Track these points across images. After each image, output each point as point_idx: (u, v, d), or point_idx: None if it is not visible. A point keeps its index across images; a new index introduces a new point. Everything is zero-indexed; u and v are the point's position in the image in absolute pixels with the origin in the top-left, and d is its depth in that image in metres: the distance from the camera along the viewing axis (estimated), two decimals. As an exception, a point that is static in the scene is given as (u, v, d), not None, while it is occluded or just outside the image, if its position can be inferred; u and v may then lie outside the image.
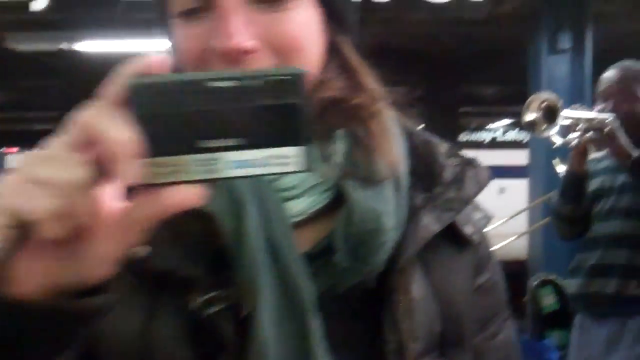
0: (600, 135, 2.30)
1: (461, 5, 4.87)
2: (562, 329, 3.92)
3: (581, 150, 2.43)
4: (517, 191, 19.84)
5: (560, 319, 4.02)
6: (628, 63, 2.78)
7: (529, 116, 2.33)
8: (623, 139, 2.33)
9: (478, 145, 19.33)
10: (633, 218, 2.44)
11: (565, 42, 5.33)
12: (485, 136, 19.23)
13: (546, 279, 4.21)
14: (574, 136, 2.34)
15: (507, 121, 16.68)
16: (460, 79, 10.05)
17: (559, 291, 4.12)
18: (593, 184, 2.56)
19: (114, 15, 5.16)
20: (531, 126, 2.36)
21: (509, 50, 8.60)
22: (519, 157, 19.44)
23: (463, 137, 16.42)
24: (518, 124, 17.01)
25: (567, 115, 2.32)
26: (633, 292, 2.30)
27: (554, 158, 3.02)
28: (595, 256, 2.45)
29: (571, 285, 2.53)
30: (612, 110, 2.39)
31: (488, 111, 15.20)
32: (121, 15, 5.14)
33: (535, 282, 4.22)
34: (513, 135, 19.31)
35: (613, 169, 2.51)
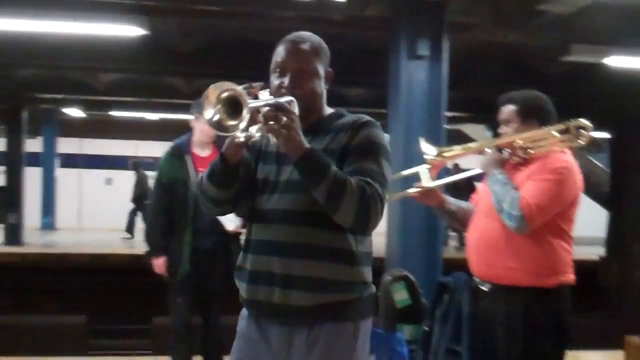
0: (277, 125, 2.00)
1: (322, 5, 4.95)
2: (413, 324, 4.13)
3: (241, 143, 2.11)
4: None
5: (412, 313, 4.22)
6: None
7: (209, 112, 1.95)
8: (299, 129, 2.04)
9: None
10: (293, 223, 2.18)
11: (423, 49, 5.55)
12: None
13: (399, 274, 4.38)
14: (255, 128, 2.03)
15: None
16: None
17: (411, 287, 4.32)
18: (261, 171, 2.31)
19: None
20: (218, 124, 1.96)
21: (372, 53, 8.87)
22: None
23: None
24: (383, 126, 17.63)
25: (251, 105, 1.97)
26: (296, 303, 2.15)
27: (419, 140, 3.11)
28: (254, 260, 2.27)
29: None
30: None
31: (354, 112, 15.54)
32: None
33: (389, 278, 4.38)
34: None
35: (283, 159, 2.24)
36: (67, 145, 18.94)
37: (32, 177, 15.68)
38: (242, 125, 1.94)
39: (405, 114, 5.54)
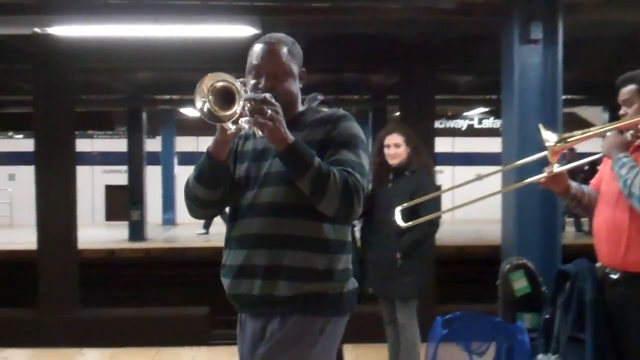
0: (263, 118, 2.01)
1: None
2: (533, 312, 4.06)
3: (228, 138, 2.14)
4: (494, 177, 19.99)
5: (532, 301, 4.15)
6: None
7: (199, 102, 1.96)
8: (283, 122, 2.05)
9: (454, 132, 19.58)
10: (273, 215, 2.19)
11: (537, 32, 5.42)
12: (461, 124, 19.43)
13: (518, 263, 4.31)
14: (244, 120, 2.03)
15: (482, 109, 16.86)
16: (435, 67, 10.14)
17: (530, 275, 4.25)
18: (238, 170, 2.32)
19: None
20: (210, 114, 1.96)
21: (483, 39, 8.71)
22: (494, 145, 19.67)
23: (439, 124, 16.58)
24: (493, 112, 17.24)
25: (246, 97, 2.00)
26: (275, 293, 2.16)
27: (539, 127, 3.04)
28: (237, 255, 2.25)
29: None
30: None
31: (464, 99, 15.33)
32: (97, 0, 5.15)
33: (507, 266, 4.32)
34: (489, 123, 19.53)
35: (260, 155, 2.27)
36: (184, 143, 19.60)
37: (152, 175, 16.34)
38: (236, 114, 1.97)
39: (519, 100, 5.42)
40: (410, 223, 3.62)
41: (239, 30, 5.82)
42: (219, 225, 17.60)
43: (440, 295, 8.27)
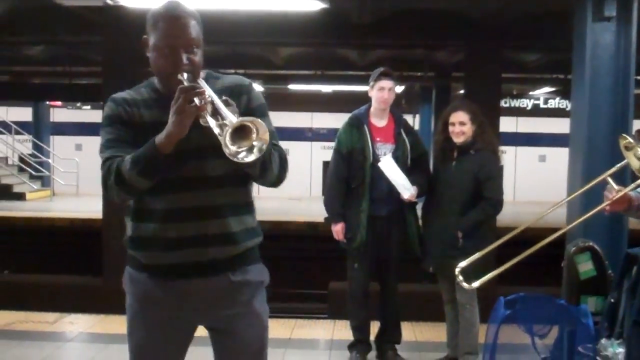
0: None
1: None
2: (598, 295, 3.98)
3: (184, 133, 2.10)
4: (558, 159, 19.64)
5: (597, 285, 4.07)
6: None
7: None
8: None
9: (519, 112, 19.23)
10: (208, 187, 2.26)
11: (610, 9, 5.25)
12: (526, 103, 19.03)
13: (584, 245, 4.23)
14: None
15: (548, 89, 16.48)
16: (502, 44, 9.96)
17: (596, 258, 4.17)
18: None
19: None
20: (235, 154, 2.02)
21: (552, 16, 8.51)
22: (560, 126, 19.26)
23: (503, 103, 16.27)
24: (560, 92, 16.85)
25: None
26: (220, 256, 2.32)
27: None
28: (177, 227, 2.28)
29: None
30: None
31: (530, 78, 15.01)
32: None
33: (573, 249, 4.25)
34: (555, 103, 19.10)
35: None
36: (246, 118, 19.79)
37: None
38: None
39: (590, 80, 5.27)
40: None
41: (307, 4, 5.80)
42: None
43: (500, 276, 8.16)
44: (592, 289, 4.06)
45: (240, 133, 1.98)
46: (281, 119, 21.21)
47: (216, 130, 2.04)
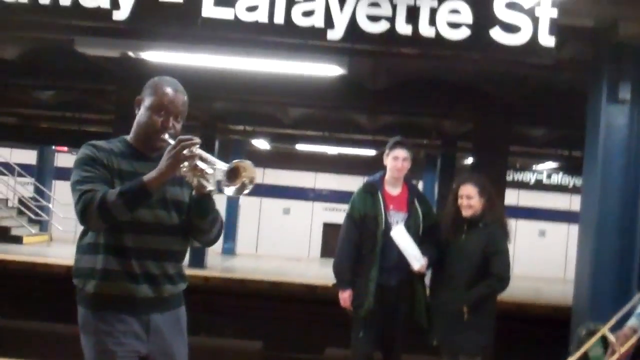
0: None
1: (531, 49, 4.88)
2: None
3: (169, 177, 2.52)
4: (557, 234, 19.55)
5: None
6: None
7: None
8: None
9: (521, 185, 19.30)
10: (165, 234, 2.64)
11: (625, 92, 5.32)
12: (529, 177, 19.11)
13: (594, 329, 4.19)
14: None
15: (552, 164, 16.57)
16: (511, 118, 10.05)
17: (606, 342, 4.10)
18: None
19: (189, 30, 5.29)
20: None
21: (562, 95, 8.61)
22: (561, 201, 19.27)
23: (508, 176, 16.33)
24: (563, 168, 16.93)
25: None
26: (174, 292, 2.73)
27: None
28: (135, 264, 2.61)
29: None
30: None
31: (536, 152, 15.11)
32: (197, 32, 5.27)
33: (584, 332, 4.20)
34: (557, 179, 19.18)
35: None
36: (250, 174, 19.80)
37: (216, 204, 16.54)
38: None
39: (602, 159, 5.31)
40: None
41: (326, 69, 5.86)
42: (250, 259, 17.68)
43: (499, 355, 8.05)
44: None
45: (233, 175, 2.42)
46: (284, 177, 21.33)
47: (209, 171, 2.46)
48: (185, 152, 2.42)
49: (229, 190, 2.41)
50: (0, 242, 15.23)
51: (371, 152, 15.58)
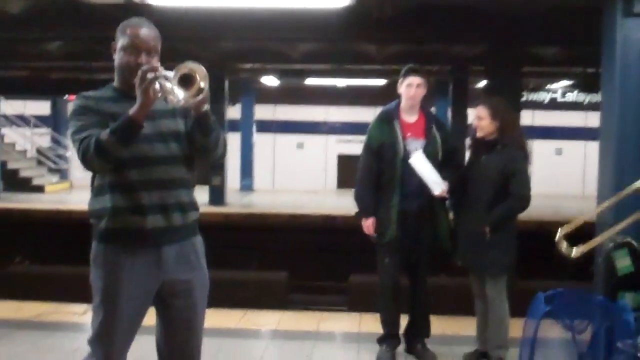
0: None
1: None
2: (635, 291, 4.00)
3: (150, 105, 2.60)
4: (574, 152, 19.56)
5: (635, 281, 4.09)
6: None
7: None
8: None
9: (536, 105, 19.21)
10: (168, 164, 2.77)
11: (640, 5, 5.24)
12: (543, 97, 18.98)
13: (622, 241, 4.25)
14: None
15: (566, 82, 16.45)
16: (522, 39, 9.94)
17: (634, 253, 4.18)
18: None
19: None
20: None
21: (573, 11, 8.49)
22: (577, 119, 19.19)
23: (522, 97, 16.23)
24: (578, 86, 16.80)
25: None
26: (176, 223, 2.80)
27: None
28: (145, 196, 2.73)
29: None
30: None
31: (549, 72, 14.98)
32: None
33: (611, 245, 4.26)
34: (572, 96, 19.04)
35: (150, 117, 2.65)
36: (262, 111, 19.83)
37: (231, 142, 16.62)
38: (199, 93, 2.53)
39: (620, 75, 5.26)
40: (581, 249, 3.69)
41: (331, 1, 5.81)
42: (267, 194, 17.82)
43: (518, 271, 8.19)
44: (630, 284, 4.08)
45: (186, 81, 2.50)
46: (296, 112, 21.32)
47: (168, 86, 2.53)
48: (148, 76, 2.51)
49: (187, 97, 2.52)
50: (23, 191, 15.47)
51: (381, 82, 15.51)
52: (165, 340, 2.90)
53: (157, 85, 2.54)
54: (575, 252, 3.88)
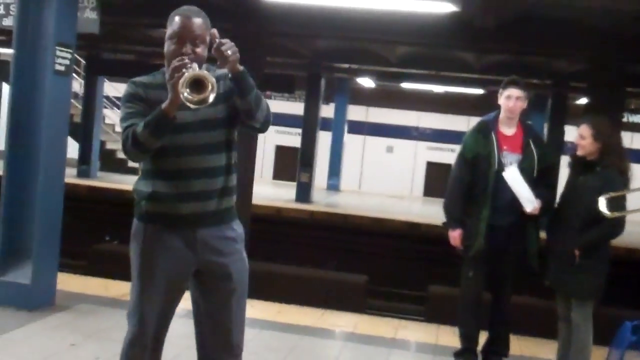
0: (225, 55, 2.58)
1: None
2: None
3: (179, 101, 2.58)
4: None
5: None
6: None
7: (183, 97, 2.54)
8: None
9: (634, 127, 18.52)
10: (207, 153, 2.79)
11: None
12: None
13: None
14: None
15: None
16: (627, 57, 9.61)
17: None
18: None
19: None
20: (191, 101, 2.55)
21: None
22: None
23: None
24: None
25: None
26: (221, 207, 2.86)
27: None
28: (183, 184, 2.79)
29: None
30: None
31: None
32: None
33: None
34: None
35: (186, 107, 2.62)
36: (354, 112, 19.86)
37: (322, 141, 16.73)
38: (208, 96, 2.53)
39: None
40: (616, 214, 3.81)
41: (438, 6, 5.77)
42: (352, 195, 17.76)
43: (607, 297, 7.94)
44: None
45: (198, 86, 2.52)
46: (388, 116, 21.27)
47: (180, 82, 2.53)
48: (175, 76, 2.54)
49: (190, 99, 2.53)
50: (118, 173, 16.00)
51: (478, 91, 15.29)
52: (205, 326, 2.93)
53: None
54: (611, 214, 4.03)
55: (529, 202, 4.48)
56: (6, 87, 17.06)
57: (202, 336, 2.94)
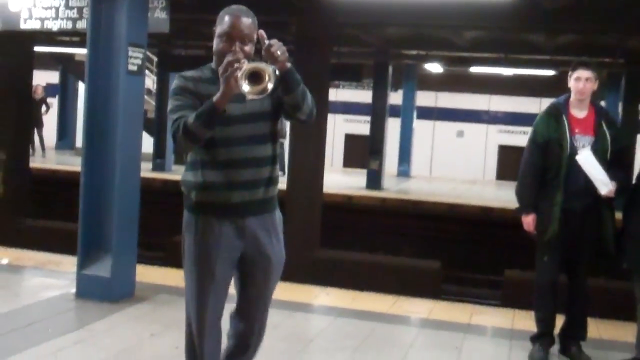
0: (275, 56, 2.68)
1: None
2: None
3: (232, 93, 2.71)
4: None
5: None
6: None
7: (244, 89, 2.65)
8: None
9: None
10: (252, 144, 2.93)
11: None
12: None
13: None
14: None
15: None
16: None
17: None
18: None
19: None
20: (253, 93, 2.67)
21: None
22: None
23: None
24: None
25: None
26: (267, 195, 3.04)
27: None
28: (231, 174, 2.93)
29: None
30: None
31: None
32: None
33: None
34: None
35: (235, 98, 2.75)
36: (423, 98, 19.74)
37: (391, 127, 16.72)
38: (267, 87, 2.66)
39: None
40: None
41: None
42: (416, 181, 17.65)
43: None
44: None
45: (256, 78, 2.65)
46: (458, 100, 21.07)
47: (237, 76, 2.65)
48: (229, 70, 2.66)
49: (249, 91, 2.65)
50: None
51: (549, 73, 14.99)
52: (239, 311, 3.14)
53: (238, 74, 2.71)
54: None
55: (604, 184, 4.43)
56: (82, 86, 17.67)
57: (237, 319, 3.16)
